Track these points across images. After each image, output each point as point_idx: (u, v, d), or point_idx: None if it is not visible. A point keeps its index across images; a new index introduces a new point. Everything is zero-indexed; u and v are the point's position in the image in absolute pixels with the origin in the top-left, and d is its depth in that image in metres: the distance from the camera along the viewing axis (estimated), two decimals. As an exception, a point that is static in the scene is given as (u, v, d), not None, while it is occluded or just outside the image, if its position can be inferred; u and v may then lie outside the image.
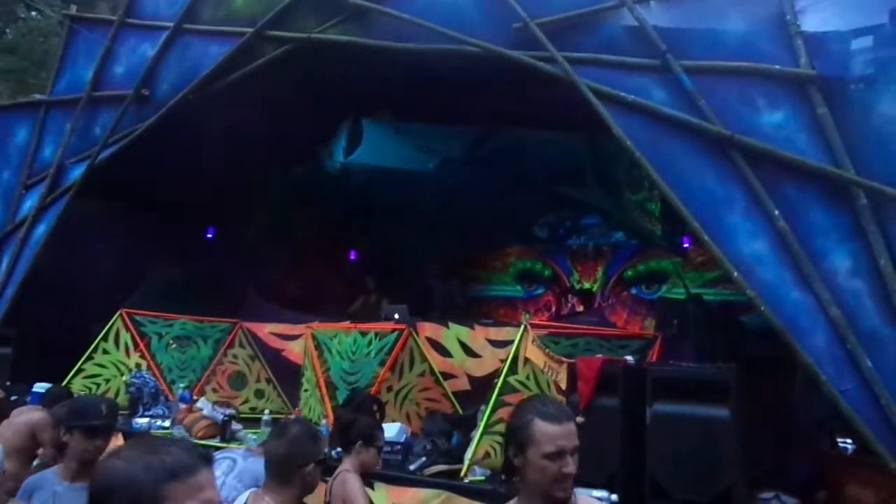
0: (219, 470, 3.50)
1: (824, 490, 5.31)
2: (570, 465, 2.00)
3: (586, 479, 3.99)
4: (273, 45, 6.29)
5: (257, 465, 3.50)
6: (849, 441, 5.66)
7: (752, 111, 4.25)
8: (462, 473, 4.49)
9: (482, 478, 4.51)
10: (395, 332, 6.09)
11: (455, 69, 5.44)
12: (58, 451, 3.73)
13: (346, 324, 6.56)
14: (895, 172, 3.88)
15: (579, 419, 4.19)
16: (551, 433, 2.01)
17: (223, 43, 6.50)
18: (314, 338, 6.40)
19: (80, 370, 6.85)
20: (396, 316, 6.60)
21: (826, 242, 4.03)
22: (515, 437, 2.08)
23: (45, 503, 2.95)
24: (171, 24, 6.79)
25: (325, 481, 4.14)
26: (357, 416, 4.00)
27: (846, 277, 3.97)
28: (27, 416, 4.38)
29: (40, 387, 5.87)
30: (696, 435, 3.83)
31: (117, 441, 5.77)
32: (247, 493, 2.65)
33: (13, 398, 5.64)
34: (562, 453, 2.01)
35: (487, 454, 4.66)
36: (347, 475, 3.54)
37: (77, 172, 7.18)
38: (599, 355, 4.84)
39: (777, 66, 4.21)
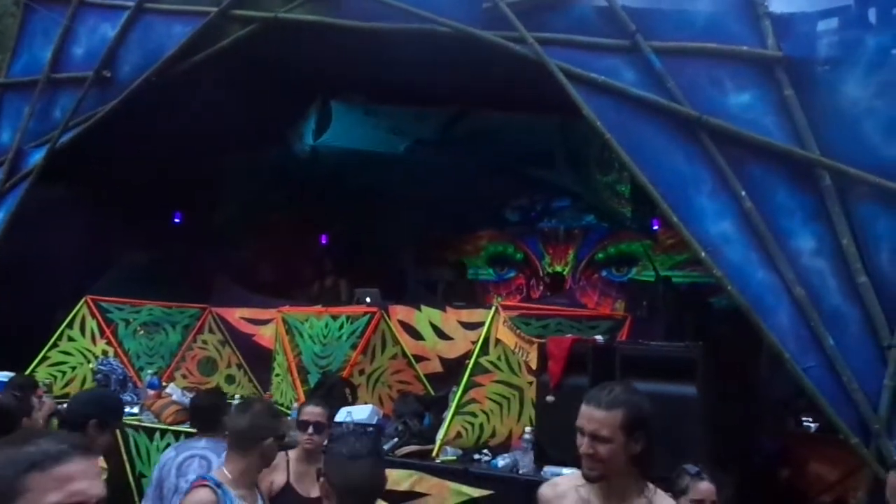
0: (191, 473, 3.43)
1: (787, 468, 5.45)
2: (585, 446, 2.20)
3: (558, 458, 4.05)
4: (238, 24, 6.15)
5: None
6: (811, 420, 5.81)
7: (720, 92, 4.28)
8: (434, 454, 4.50)
9: (454, 458, 4.53)
10: (367, 316, 6.07)
11: (424, 50, 5.38)
12: None
13: (318, 308, 6.52)
14: (859, 153, 3.95)
15: (549, 398, 4.24)
16: (580, 409, 2.25)
17: (186, 23, 6.33)
18: (285, 322, 6.34)
19: (44, 358, 6.71)
20: (368, 299, 6.57)
21: (791, 223, 4.10)
22: None
23: None
24: (132, 4, 6.59)
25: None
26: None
27: (810, 257, 4.04)
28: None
29: (4, 375, 5.74)
30: (664, 412, 3.86)
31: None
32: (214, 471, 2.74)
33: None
34: (581, 431, 2.22)
35: (459, 434, 4.67)
36: None
37: (37, 157, 6.97)
38: (570, 335, 4.87)
39: (745, 47, 4.25)
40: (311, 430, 3.45)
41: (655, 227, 8.95)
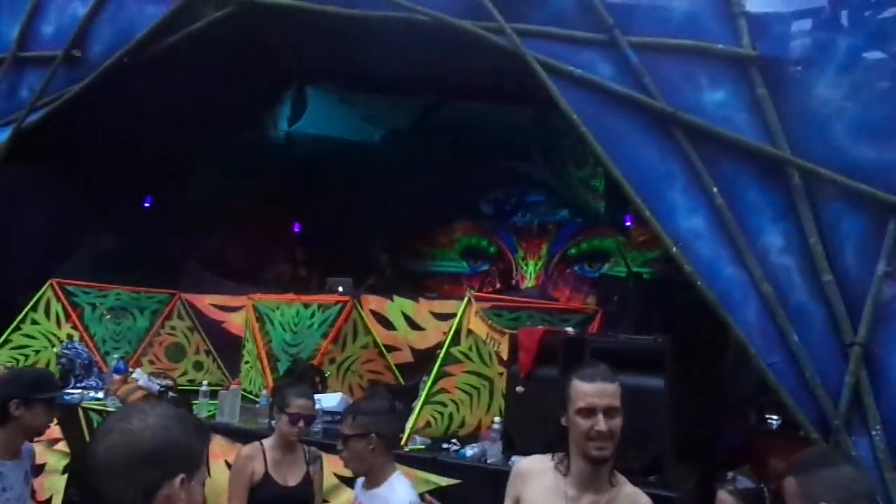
0: None
1: (748, 463, 5.54)
2: (601, 424, 2.07)
3: (525, 448, 4.07)
4: (214, 6, 6.02)
5: None
6: (775, 417, 5.92)
7: (695, 89, 4.31)
8: (402, 442, 4.50)
9: (422, 446, 4.53)
10: (339, 305, 6.04)
11: (402, 38, 5.34)
12: None
13: (289, 295, 6.47)
14: (829, 154, 3.99)
15: (519, 389, 4.26)
16: (582, 390, 2.13)
17: (160, 3, 6.19)
18: (256, 309, 6.28)
19: (6, 341, 6.58)
20: (340, 289, 6.53)
21: (761, 220, 4.14)
22: (561, 398, 2.19)
23: None
24: (104, -20, 6.44)
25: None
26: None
27: (778, 254, 4.09)
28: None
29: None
30: (632, 404, 3.88)
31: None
32: None
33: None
34: (593, 410, 2.09)
35: (428, 423, 4.68)
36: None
37: (2, 137, 6.79)
38: (541, 327, 4.89)
39: (720, 45, 4.28)
40: (301, 423, 3.53)
41: (628, 224, 9.02)
